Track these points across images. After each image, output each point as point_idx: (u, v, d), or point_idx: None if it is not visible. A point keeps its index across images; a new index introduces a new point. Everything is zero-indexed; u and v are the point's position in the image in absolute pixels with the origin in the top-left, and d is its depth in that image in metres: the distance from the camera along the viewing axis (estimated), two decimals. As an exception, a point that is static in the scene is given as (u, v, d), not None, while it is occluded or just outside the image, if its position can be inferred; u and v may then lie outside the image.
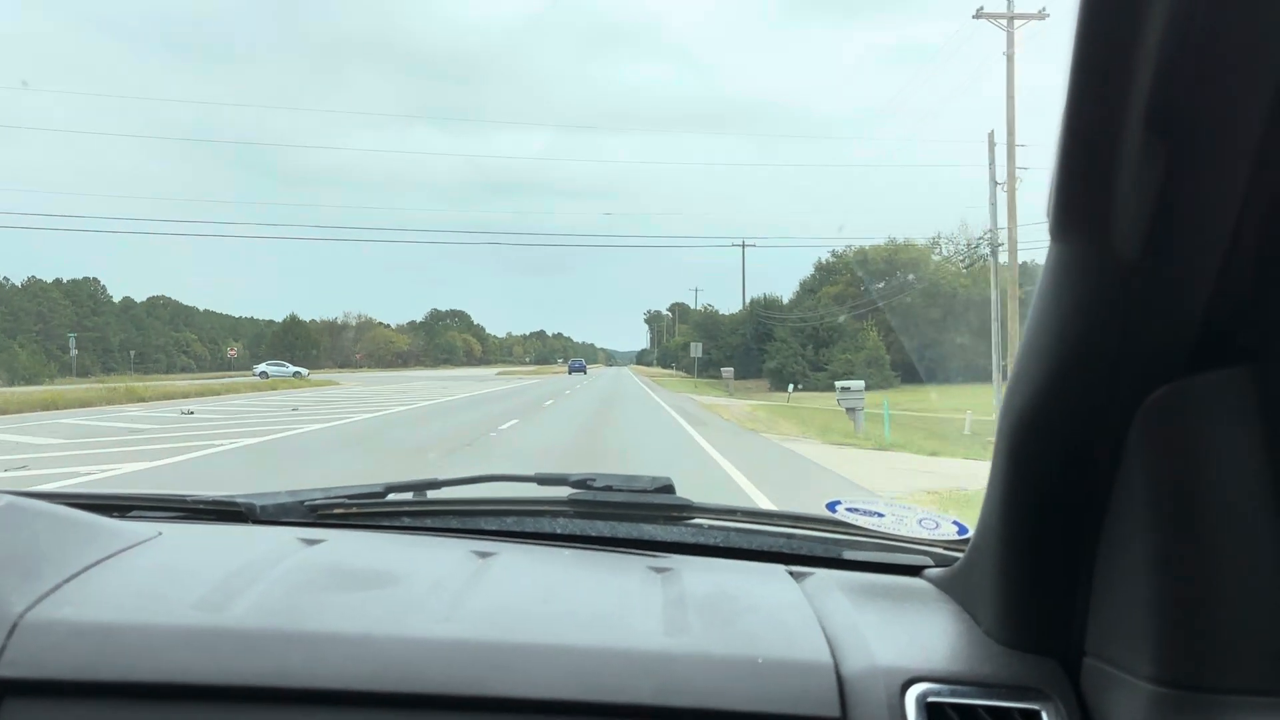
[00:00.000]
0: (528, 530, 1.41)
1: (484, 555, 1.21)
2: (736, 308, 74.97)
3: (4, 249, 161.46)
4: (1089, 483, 0.83)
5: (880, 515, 1.35)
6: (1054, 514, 0.88)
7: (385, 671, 0.89)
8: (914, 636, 1.02)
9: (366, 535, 1.39)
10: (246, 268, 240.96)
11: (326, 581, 1.07)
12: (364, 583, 1.06)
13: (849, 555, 1.35)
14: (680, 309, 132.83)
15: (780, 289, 70.38)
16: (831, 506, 1.37)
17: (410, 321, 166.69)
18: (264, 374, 65.07)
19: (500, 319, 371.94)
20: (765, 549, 1.37)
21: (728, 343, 67.43)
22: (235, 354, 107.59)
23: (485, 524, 1.43)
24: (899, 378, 46.03)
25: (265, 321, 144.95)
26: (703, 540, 1.39)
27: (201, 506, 1.46)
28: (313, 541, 1.24)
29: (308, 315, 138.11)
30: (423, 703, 0.88)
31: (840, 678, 0.91)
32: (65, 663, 0.88)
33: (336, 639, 0.92)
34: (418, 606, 1.00)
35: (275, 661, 0.89)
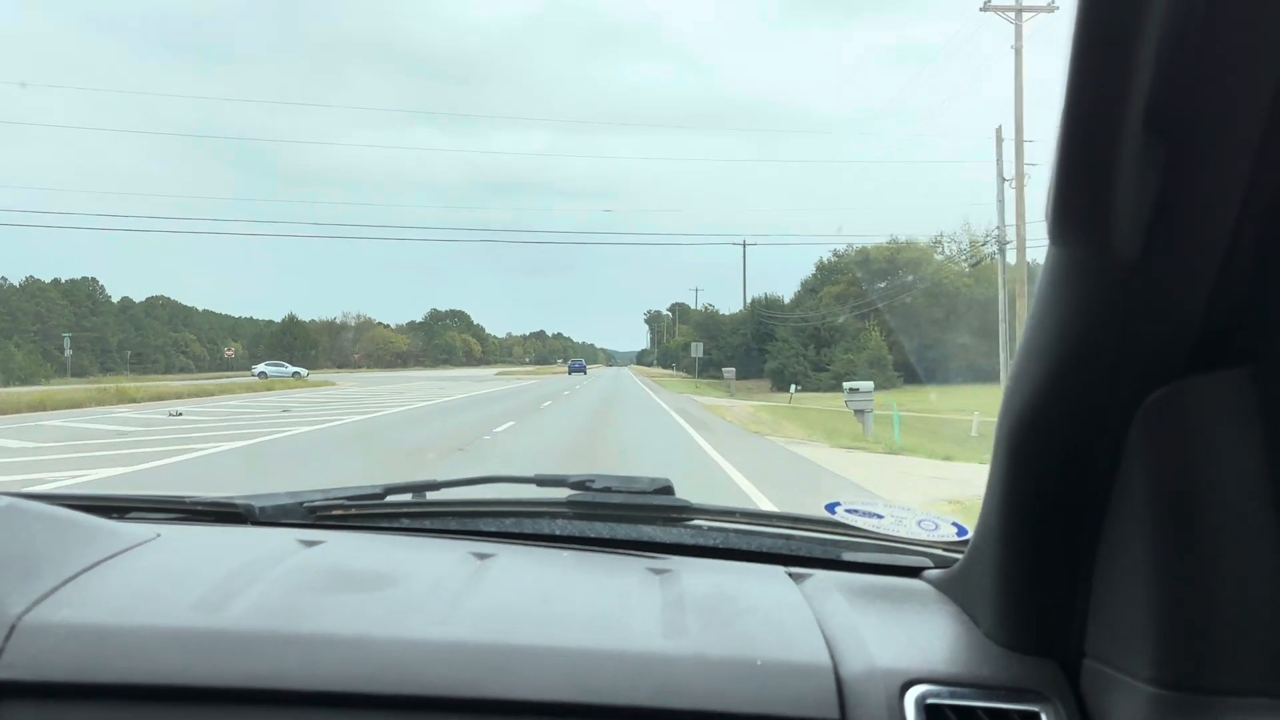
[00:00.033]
0: (526, 532, 1.41)
1: (483, 557, 1.21)
2: (737, 308, 74.71)
3: (2, 249, 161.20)
4: (1089, 483, 0.83)
5: (879, 516, 1.34)
6: (1054, 515, 0.88)
7: (383, 673, 0.89)
8: (913, 638, 1.01)
9: (365, 537, 1.39)
10: (246, 268, 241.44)
11: (325, 583, 1.06)
12: (362, 584, 1.06)
13: (848, 557, 1.34)
14: (680, 309, 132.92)
15: (781, 289, 70.18)
16: (830, 508, 1.36)
17: (410, 322, 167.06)
18: (262, 374, 65.13)
19: (500, 319, 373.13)
20: (764, 550, 1.36)
21: (728, 343, 67.04)
22: (233, 354, 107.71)
23: (484, 525, 1.42)
24: (901, 378, 45.81)
25: (264, 322, 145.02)
26: (702, 541, 1.39)
27: (200, 508, 1.46)
28: (311, 543, 1.23)
29: (307, 315, 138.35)
30: (421, 704, 0.88)
31: (839, 679, 0.91)
32: (64, 665, 0.88)
33: (335, 640, 0.92)
34: (416, 608, 0.99)
35: (273, 663, 0.89)
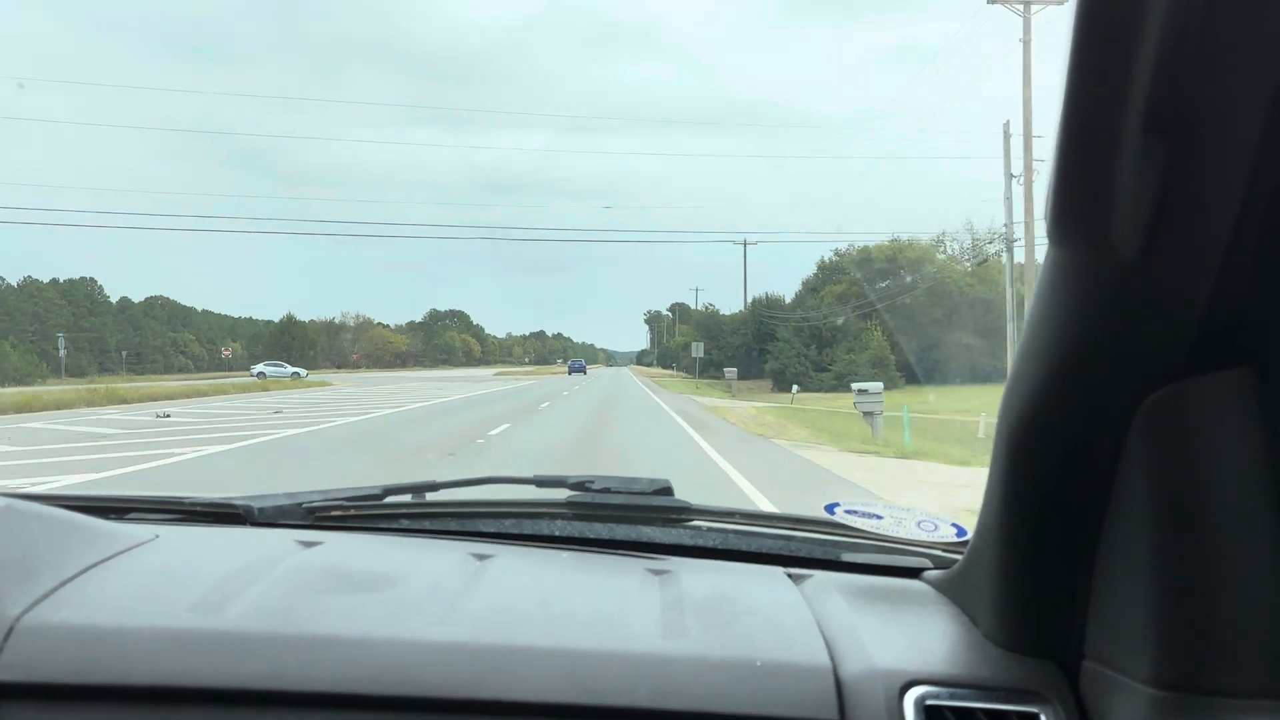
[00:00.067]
0: (526, 532, 1.41)
1: (482, 558, 1.21)
2: (738, 308, 74.09)
3: (0, 248, 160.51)
4: (1089, 483, 0.83)
5: (879, 517, 1.34)
6: (1053, 515, 0.87)
7: (382, 674, 0.88)
8: (912, 639, 1.01)
9: (364, 537, 1.39)
10: (245, 268, 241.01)
11: (324, 584, 1.06)
12: (361, 585, 1.06)
13: (847, 557, 1.34)
14: (680, 309, 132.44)
15: (782, 288, 69.48)
16: (830, 508, 1.36)
17: (409, 322, 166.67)
18: (261, 374, 64.70)
19: (500, 319, 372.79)
20: (764, 551, 1.36)
21: (729, 343, 66.50)
22: (229, 354, 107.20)
23: (483, 526, 1.43)
24: (903, 378, 45.28)
25: (264, 322, 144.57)
26: (701, 542, 1.38)
27: (199, 509, 1.46)
28: (310, 544, 1.23)
29: (307, 316, 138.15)
30: (420, 706, 0.88)
31: (838, 680, 0.91)
32: (62, 666, 0.88)
33: (334, 641, 0.92)
34: (416, 609, 0.99)
35: (272, 664, 0.89)
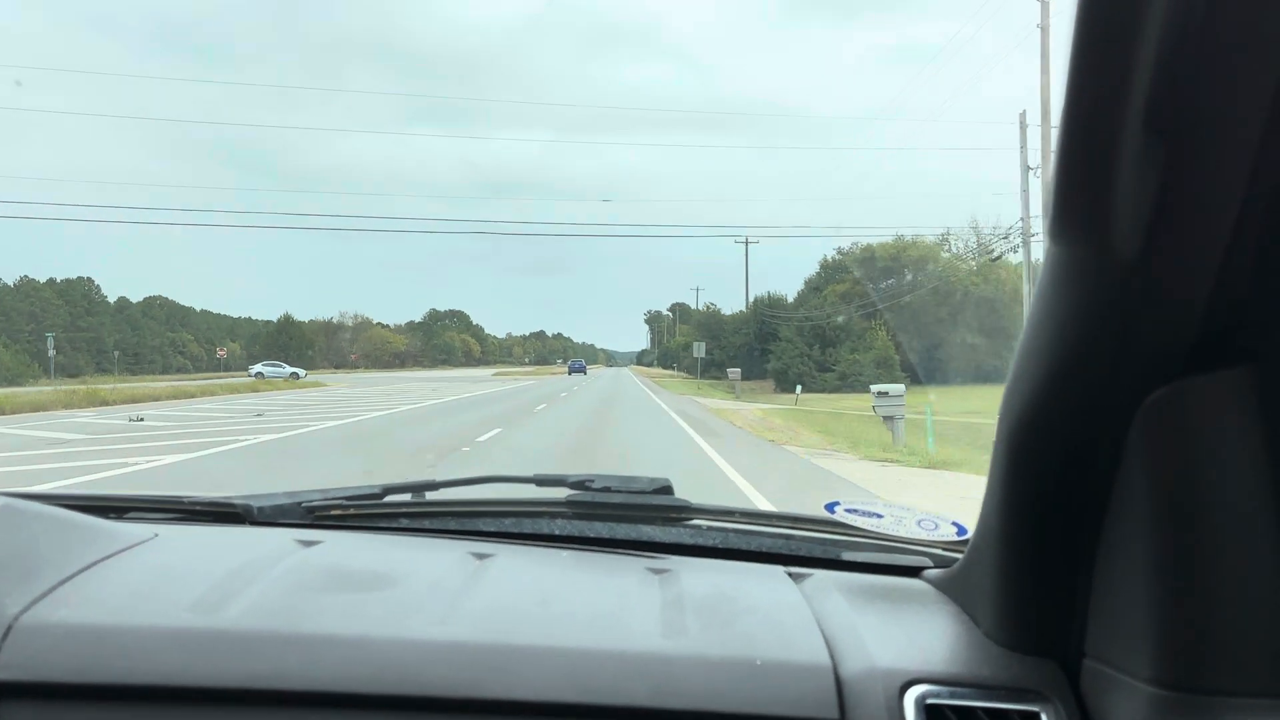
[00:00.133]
0: (526, 532, 1.41)
1: (482, 557, 1.20)
2: (739, 307, 73.00)
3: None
4: (1089, 483, 0.83)
5: (879, 516, 1.33)
6: (1054, 514, 0.87)
7: (382, 673, 0.88)
8: (913, 638, 1.01)
9: (364, 537, 1.38)
10: (244, 268, 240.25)
11: (324, 583, 1.05)
12: (361, 584, 1.05)
13: (848, 556, 1.34)
14: (681, 309, 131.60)
15: (784, 288, 68.13)
16: (830, 507, 1.36)
17: (409, 322, 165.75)
18: (259, 374, 63.83)
19: (500, 319, 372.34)
20: (764, 550, 1.36)
21: (731, 343, 65.47)
22: (224, 355, 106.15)
23: (483, 525, 1.42)
24: (908, 379, 44.20)
25: (263, 322, 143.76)
26: (701, 541, 1.38)
27: (199, 508, 1.46)
28: (310, 543, 1.23)
29: (306, 316, 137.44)
30: (420, 705, 0.88)
31: (839, 679, 0.91)
32: (61, 665, 0.88)
33: (333, 641, 0.92)
34: (415, 608, 0.99)
35: (272, 663, 0.89)
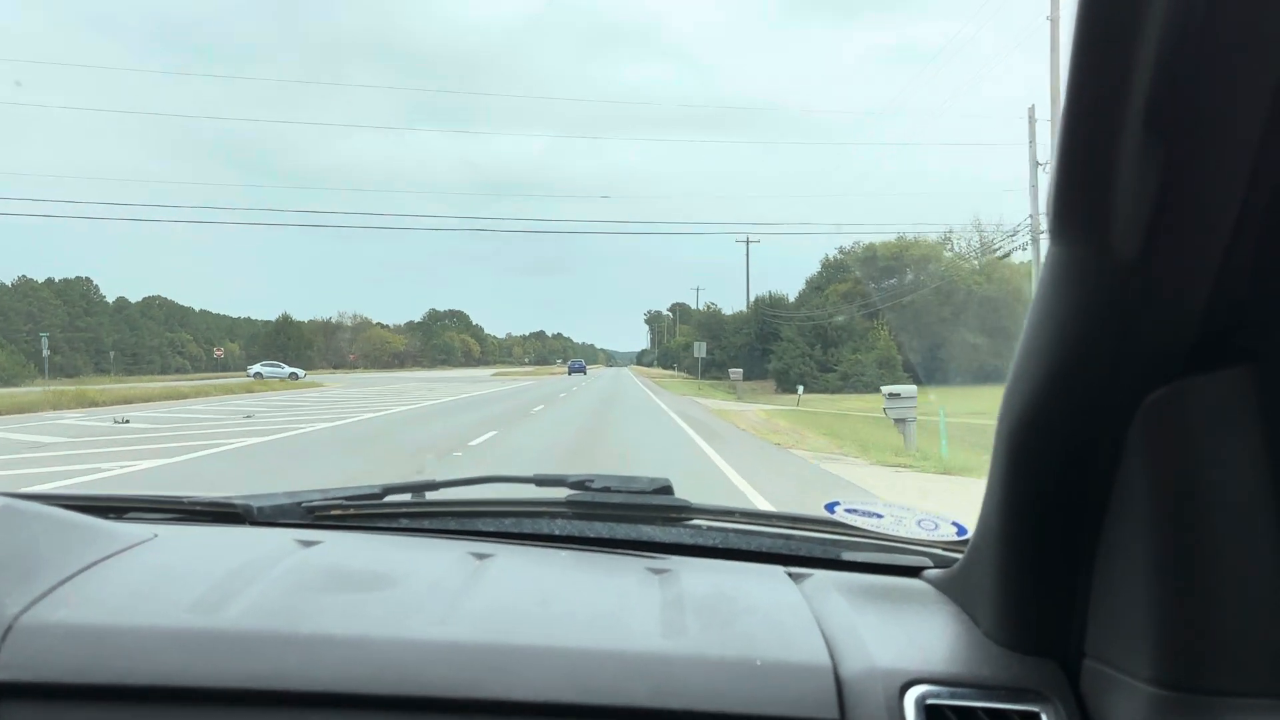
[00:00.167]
0: (525, 532, 1.41)
1: (481, 557, 1.20)
2: (739, 307, 72.48)
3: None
4: (1089, 483, 0.83)
5: (879, 516, 1.33)
6: (1054, 514, 0.87)
7: (382, 674, 0.88)
8: (913, 638, 1.01)
9: (364, 537, 1.38)
10: (243, 268, 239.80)
11: (323, 583, 1.05)
12: (361, 584, 1.05)
13: (848, 556, 1.34)
14: (681, 309, 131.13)
15: (785, 288, 67.51)
16: (830, 507, 1.36)
17: (408, 322, 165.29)
18: (258, 375, 63.37)
19: (500, 320, 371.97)
20: (764, 550, 1.36)
21: (731, 342, 64.93)
22: (222, 355, 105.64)
23: (483, 525, 1.42)
24: (909, 379, 43.62)
25: (262, 322, 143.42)
26: (701, 541, 1.38)
27: (198, 508, 1.46)
28: (310, 543, 1.22)
29: (306, 316, 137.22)
30: (420, 705, 0.87)
31: (839, 679, 0.91)
32: (61, 665, 0.88)
33: (333, 641, 0.92)
34: (415, 608, 0.99)
35: (272, 664, 0.89)
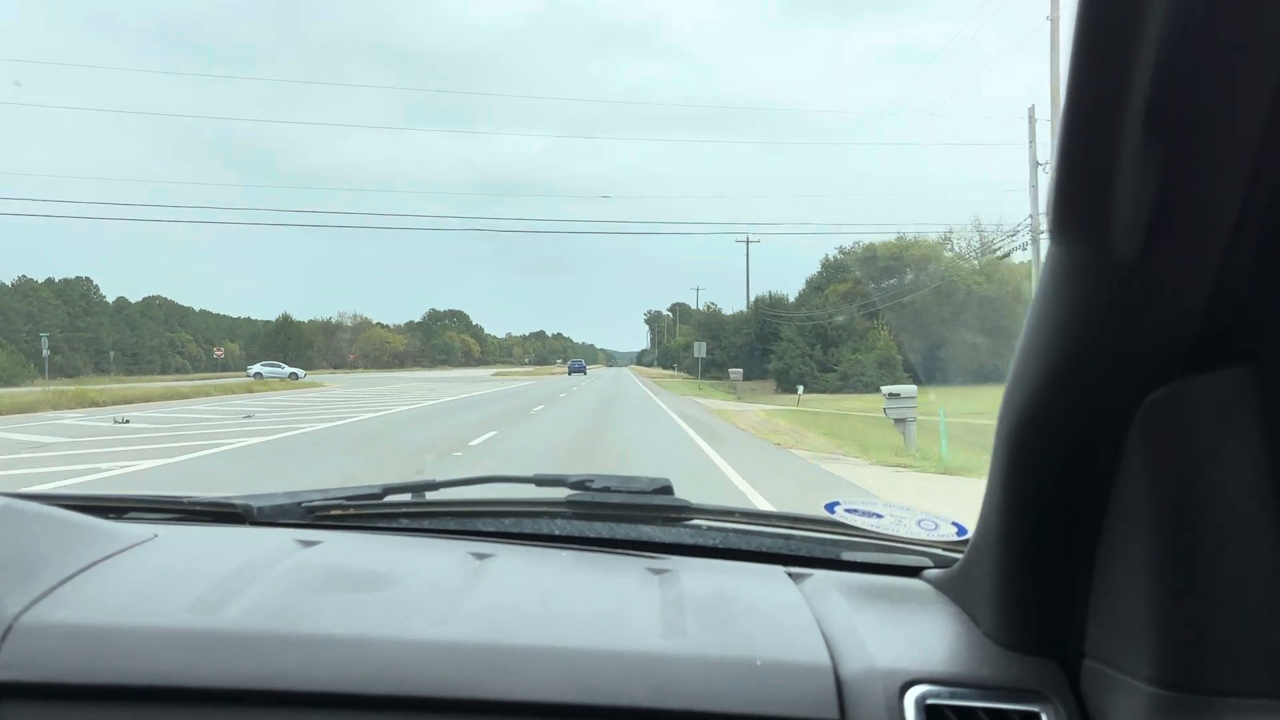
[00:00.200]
0: (525, 532, 1.41)
1: (481, 557, 1.20)
2: (739, 307, 72.43)
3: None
4: (1089, 483, 0.83)
5: (879, 516, 1.33)
6: (1054, 514, 0.87)
7: (382, 673, 0.88)
8: (913, 638, 1.01)
9: (364, 537, 1.38)
10: (243, 268, 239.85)
11: (323, 583, 1.05)
12: (361, 584, 1.05)
13: (848, 556, 1.34)
14: (681, 309, 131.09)
15: (785, 288, 67.48)
16: (830, 507, 1.36)
17: (408, 322, 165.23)
18: (258, 375, 63.34)
19: (500, 320, 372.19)
20: (764, 550, 1.36)
21: (731, 342, 64.89)
22: (222, 355, 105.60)
23: (483, 525, 1.42)
24: (909, 379, 43.61)
25: (262, 322, 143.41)
26: (701, 541, 1.38)
27: (198, 508, 1.46)
28: (310, 543, 1.22)
29: (306, 316, 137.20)
30: (420, 705, 0.87)
31: (839, 680, 0.90)
32: (61, 665, 0.88)
33: (333, 641, 0.91)
34: (415, 608, 0.99)
35: (272, 664, 0.89)
